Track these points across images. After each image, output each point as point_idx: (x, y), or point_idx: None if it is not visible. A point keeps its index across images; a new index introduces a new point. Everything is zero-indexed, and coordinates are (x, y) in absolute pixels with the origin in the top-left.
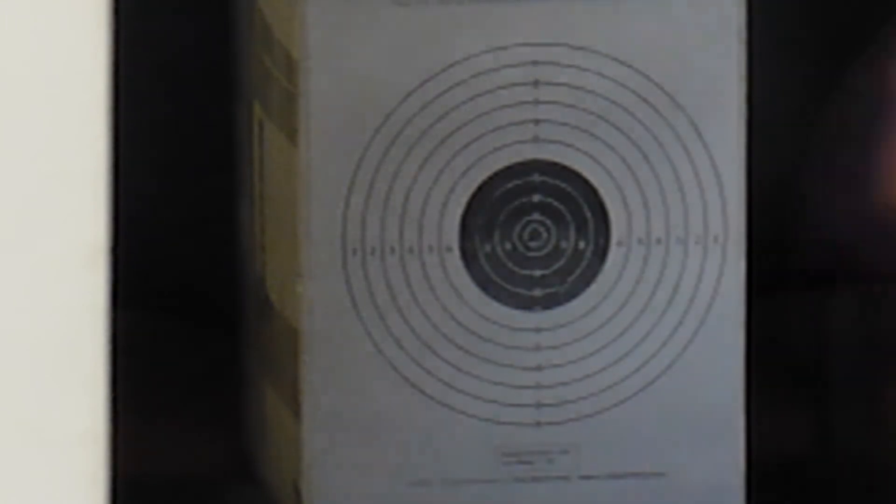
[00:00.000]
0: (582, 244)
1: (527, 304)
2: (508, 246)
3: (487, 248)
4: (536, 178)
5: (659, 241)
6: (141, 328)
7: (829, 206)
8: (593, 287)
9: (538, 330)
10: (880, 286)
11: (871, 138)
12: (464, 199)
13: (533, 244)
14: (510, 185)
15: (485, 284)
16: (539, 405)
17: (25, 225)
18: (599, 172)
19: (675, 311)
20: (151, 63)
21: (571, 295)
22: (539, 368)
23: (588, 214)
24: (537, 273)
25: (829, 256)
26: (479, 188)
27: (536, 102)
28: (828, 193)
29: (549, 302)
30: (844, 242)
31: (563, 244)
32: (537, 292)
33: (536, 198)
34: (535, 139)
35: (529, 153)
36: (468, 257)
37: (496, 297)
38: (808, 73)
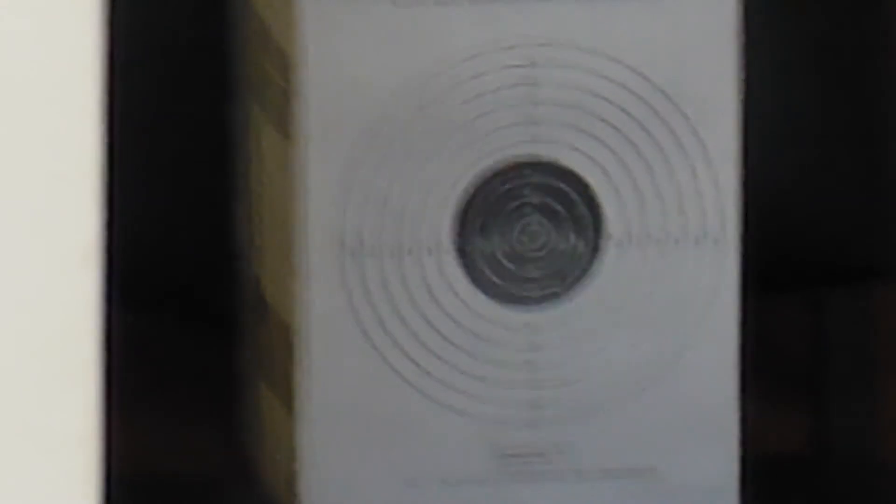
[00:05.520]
0: (579, 244)
1: (523, 304)
2: (505, 246)
3: (484, 247)
4: (534, 177)
5: (656, 240)
6: (136, 327)
7: (825, 205)
8: (590, 286)
9: (534, 329)
10: (876, 285)
11: (870, 136)
12: (461, 199)
13: (530, 244)
14: (507, 184)
15: (481, 284)
16: (535, 404)
17: (19, 224)
18: (596, 172)
19: (671, 310)
20: (147, 61)
21: (568, 294)
22: (535, 367)
23: (585, 214)
24: (534, 272)
25: (825, 255)
26: (477, 188)
27: (534, 102)
28: (824, 193)
29: (546, 301)
30: (841, 241)
31: (560, 244)
32: (534, 292)
33: (534, 198)
34: (533, 139)
35: (527, 153)
36: (465, 257)
37: (493, 297)
38: (804, 72)
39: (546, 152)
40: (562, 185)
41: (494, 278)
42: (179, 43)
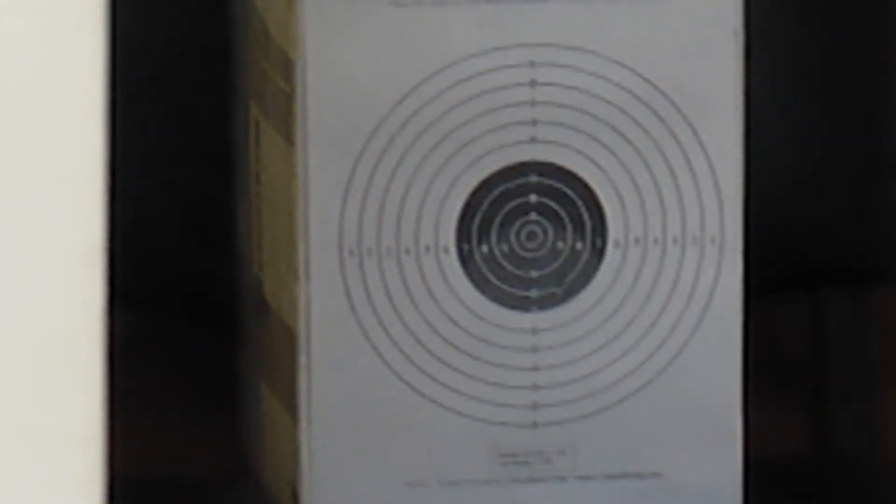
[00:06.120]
0: (579, 245)
1: (523, 305)
2: (505, 247)
3: (484, 248)
4: (533, 178)
5: (656, 241)
6: (138, 328)
7: (825, 205)
8: (590, 288)
9: (535, 331)
10: (876, 285)
11: (870, 136)
12: (461, 200)
13: (530, 245)
14: (507, 185)
15: (481, 285)
16: (536, 406)
17: (22, 225)
18: (596, 173)
19: (672, 311)
20: (149, 63)
21: (568, 296)
22: (536, 369)
23: (585, 215)
24: (534, 274)
25: (825, 256)
26: (476, 189)
27: (533, 103)
28: (824, 193)
29: (546, 303)
30: (841, 241)
31: (560, 245)
32: (534, 293)
33: (533, 198)
34: (532, 140)
35: (526, 154)
36: (465, 258)
37: (493, 298)
38: (804, 73)
39: (546, 153)
40: (562, 186)
41: (494, 280)
42: (180, 44)
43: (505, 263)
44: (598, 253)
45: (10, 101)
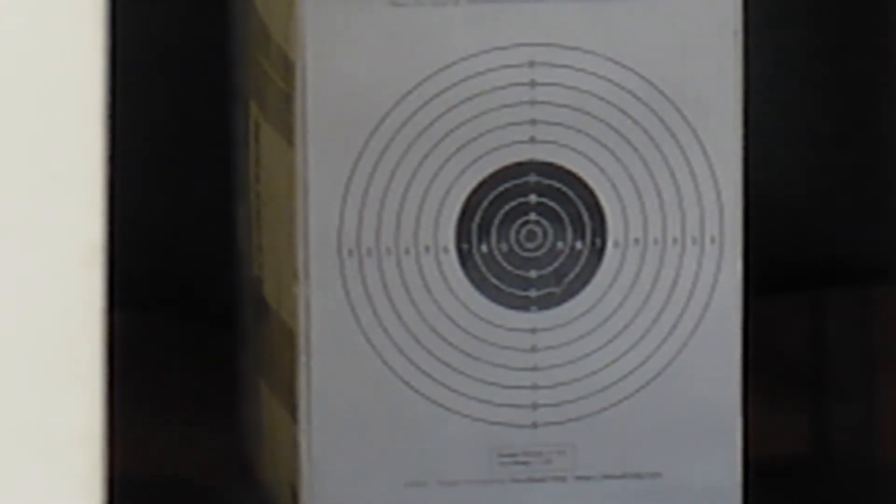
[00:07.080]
0: (578, 245)
1: (523, 305)
2: (505, 247)
3: (484, 248)
4: (533, 178)
5: (655, 241)
6: (138, 329)
7: (825, 205)
8: (590, 288)
9: (534, 331)
10: (876, 285)
11: (870, 136)
12: (460, 200)
13: (529, 245)
14: (507, 185)
15: (481, 285)
16: (535, 406)
17: (22, 225)
18: (596, 173)
19: (672, 311)
20: (149, 63)
21: (568, 296)
22: (535, 369)
23: (584, 215)
24: (533, 274)
25: (825, 255)
26: (476, 189)
27: (533, 103)
28: (824, 193)
29: (546, 303)
30: (841, 241)
31: (560, 245)
32: (533, 293)
33: (533, 198)
34: (532, 140)
35: (526, 154)
36: (464, 258)
37: (492, 298)
38: (804, 73)
39: (545, 153)
40: (561, 186)
41: (494, 279)
42: (180, 44)
43: (504, 263)
44: (598, 253)
45: (9, 101)
